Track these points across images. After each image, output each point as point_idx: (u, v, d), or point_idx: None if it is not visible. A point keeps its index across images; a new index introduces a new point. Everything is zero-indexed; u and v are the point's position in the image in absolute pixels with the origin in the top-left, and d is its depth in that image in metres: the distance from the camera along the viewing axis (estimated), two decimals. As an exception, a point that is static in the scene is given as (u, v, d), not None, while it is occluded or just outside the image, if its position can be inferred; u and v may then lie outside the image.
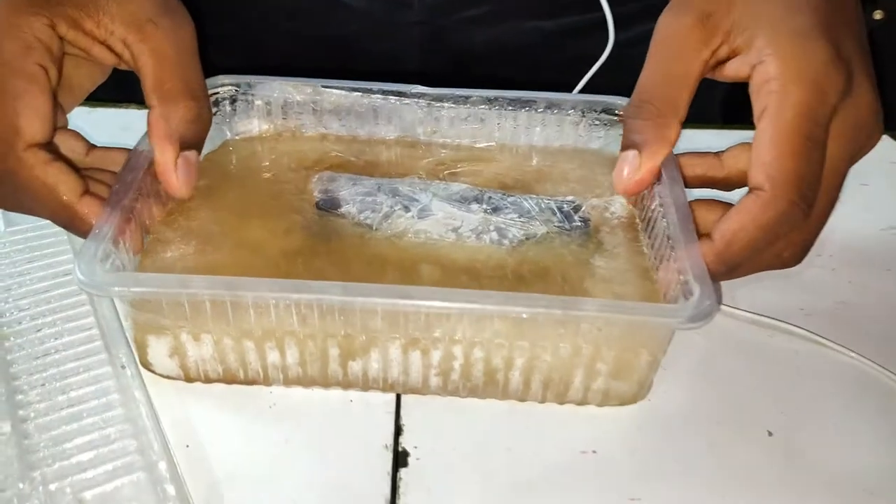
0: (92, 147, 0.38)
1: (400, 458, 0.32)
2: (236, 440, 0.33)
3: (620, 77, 0.68)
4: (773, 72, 0.33)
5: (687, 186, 0.37)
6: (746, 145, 0.37)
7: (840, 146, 0.34)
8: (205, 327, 0.32)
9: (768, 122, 0.33)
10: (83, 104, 0.39)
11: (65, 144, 0.37)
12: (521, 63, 0.69)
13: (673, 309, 0.31)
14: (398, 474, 0.32)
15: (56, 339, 0.35)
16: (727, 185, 0.38)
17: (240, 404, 0.34)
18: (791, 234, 0.33)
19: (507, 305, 0.30)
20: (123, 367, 0.34)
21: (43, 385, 0.33)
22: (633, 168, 0.35)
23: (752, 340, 0.39)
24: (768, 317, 0.39)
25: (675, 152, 0.37)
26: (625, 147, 0.36)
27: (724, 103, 0.65)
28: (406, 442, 0.33)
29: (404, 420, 0.34)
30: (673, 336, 0.34)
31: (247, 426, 0.34)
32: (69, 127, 0.38)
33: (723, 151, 0.38)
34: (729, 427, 0.34)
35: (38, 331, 0.35)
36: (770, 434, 0.34)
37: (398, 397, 0.35)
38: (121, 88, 0.48)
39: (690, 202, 0.35)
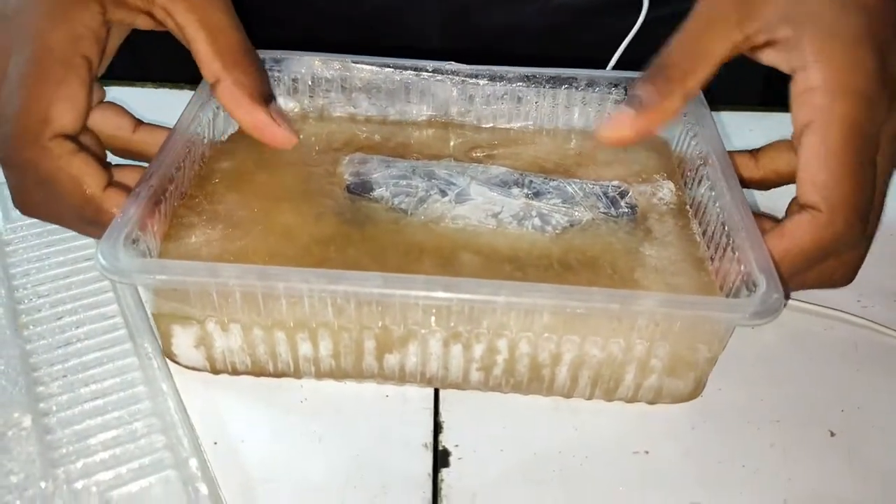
0: (139, 124, 0.36)
1: (440, 458, 0.31)
2: (267, 437, 0.31)
3: (650, 56, 0.66)
4: (819, 81, 0.31)
5: None
6: (782, 144, 0.36)
7: (886, 160, 0.32)
8: (234, 317, 0.31)
9: (817, 138, 0.31)
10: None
11: (110, 121, 0.35)
12: (545, 42, 0.67)
13: (737, 303, 0.29)
14: (439, 475, 0.30)
15: (77, 327, 0.33)
16: (762, 185, 0.37)
17: (270, 399, 0.33)
18: (844, 255, 0.32)
19: (560, 300, 0.28)
20: (150, 357, 0.32)
21: (64, 376, 0.31)
22: (621, 125, 0.34)
23: (808, 332, 0.37)
24: (825, 306, 0.37)
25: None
26: (627, 102, 0.34)
27: (764, 83, 0.63)
28: (446, 440, 0.31)
29: (444, 416, 0.32)
30: (733, 332, 0.32)
31: (278, 422, 0.32)
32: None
33: (757, 150, 0.36)
34: (789, 427, 0.32)
35: (59, 319, 0.34)
36: (832, 434, 0.32)
37: (436, 392, 0.33)
38: (136, 66, 0.46)
39: None
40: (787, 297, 0.29)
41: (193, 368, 0.33)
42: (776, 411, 0.33)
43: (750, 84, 0.64)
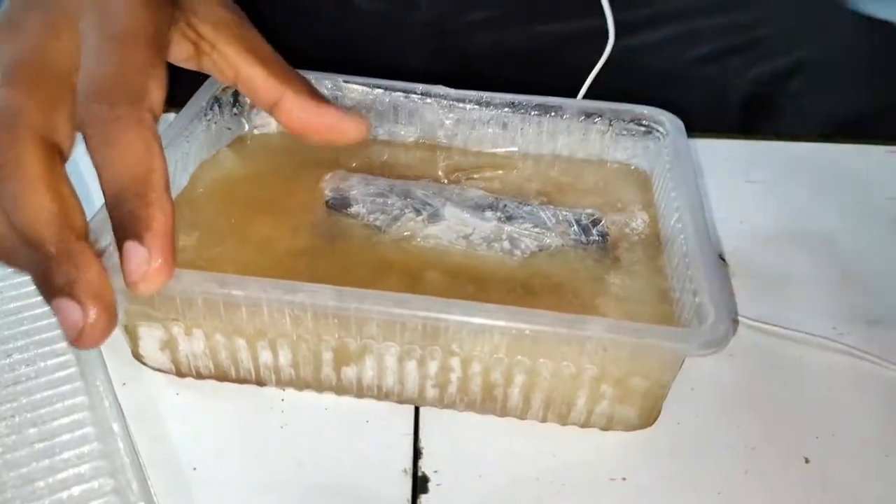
0: None
1: (420, 484, 0.31)
2: (243, 458, 0.32)
3: (621, 81, 0.67)
4: None
5: None
6: None
7: None
8: (196, 322, 0.32)
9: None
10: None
11: None
12: (526, 66, 0.69)
13: (684, 333, 0.29)
14: (418, 501, 0.30)
15: (28, 365, 0.33)
16: None
17: (248, 421, 0.33)
18: None
19: (507, 320, 0.29)
20: (101, 396, 0.32)
21: (13, 416, 0.31)
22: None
23: (784, 357, 0.37)
24: (801, 331, 0.37)
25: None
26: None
27: (741, 110, 0.64)
28: (426, 466, 0.31)
29: (423, 442, 0.32)
30: (684, 361, 0.32)
31: (256, 445, 0.32)
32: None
33: None
34: (764, 453, 0.32)
35: (9, 356, 0.33)
36: (807, 461, 0.32)
37: (416, 417, 0.33)
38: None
39: None
40: (735, 328, 0.29)
41: (160, 370, 0.34)
42: (751, 438, 0.33)
43: (728, 112, 0.64)
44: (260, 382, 0.34)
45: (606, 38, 0.66)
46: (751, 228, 0.45)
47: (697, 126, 0.67)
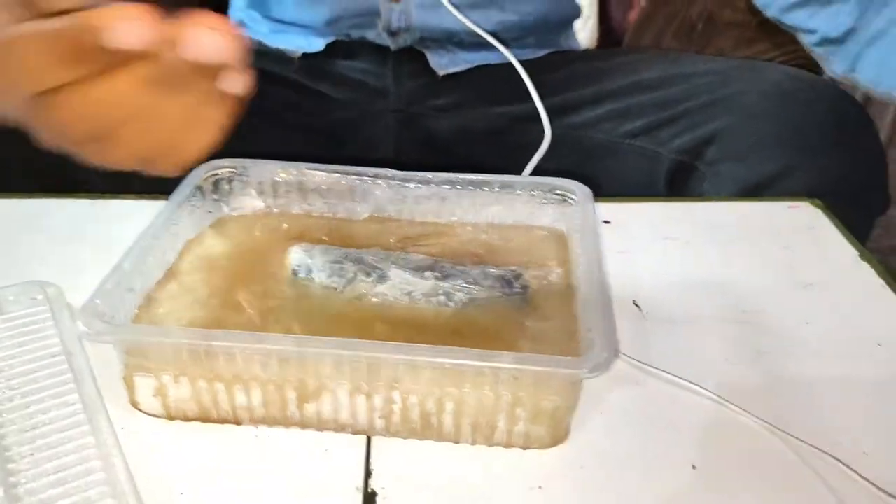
0: None
1: (368, 499, 0.37)
2: (223, 484, 0.38)
3: (566, 152, 0.77)
4: None
5: None
6: None
7: None
8: (183, 371, 0.38)
9: None
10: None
11: None
12: (483, 145, 0.76)
13: (574, 360, 0.36)
14: None
15: (43, 413, 0.39)
16: None
17: (227, 454, 0.39)
18: None
19: (433, 357, 0.35)
20: (104, 436, 0.39)
21: (32, 455, 0.37)
22: None
23: (660, 392, 0.43)
24: (670, 373, 0.44)
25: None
26: None
27: (668, 176, 0.71)
28: (375, 484, 0.38)
29: (374, 465, 0.38)
30: (581, 384, 0.39)
31: (234, 473, 0.38)
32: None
33: None
34: (656, 463, 0.39)
35: (27, 407, 0.40)
36: (694, 467, 0.38)
37: (368, 443, 0.40)
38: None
39: None
40: (616, 355, 0.36)
41: (154, 415, 0.41)
42: (647, 451, 0.39)
43: (657, 178, 0.72)
44: (237, 422, 0.40)
45: (557, 117, 0.75)
46: (666, 279, 0.52)
47: (632, 191, 0.75)
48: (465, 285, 0.43)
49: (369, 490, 0.37)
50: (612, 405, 0.42)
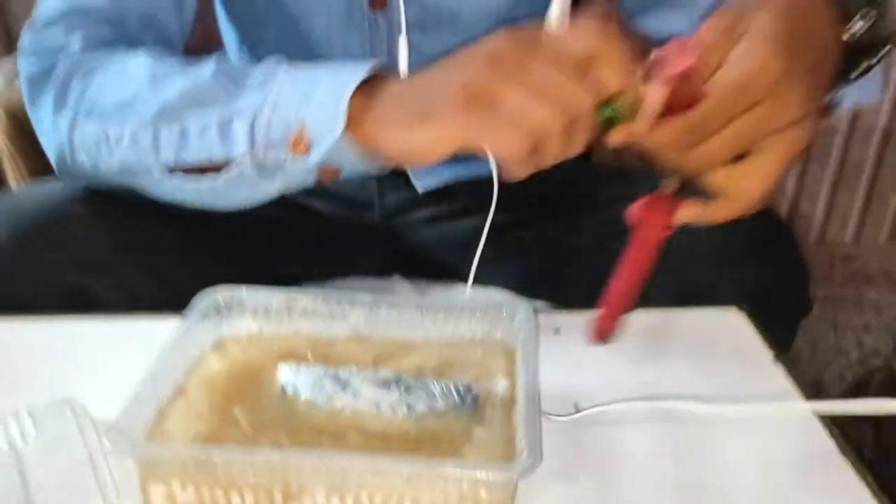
0: None
1: None
2: None
3: (533, 264, 0.85)
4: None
5: None
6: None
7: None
8: (188, 479, 0.47)
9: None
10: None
11: None
12: (460, 252, 0.86)
13: (503, 466, 0.44)
14: None
15: None
16: None
17: None
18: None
19: (390, 466, 0.44)
20: None
21: None
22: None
23: (594, 494, 0.51)
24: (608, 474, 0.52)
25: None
26: None
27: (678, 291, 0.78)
28: None
29: None
30: (516, 483, 0.47)
31: None
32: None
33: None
34: None
35: None
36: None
37: None
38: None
39: None
40: (539, 461, 0.44)
41: None
42: None
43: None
44: None
45: (519, 227, 0.84)
46: (605, 381, 0.61)
47: (585, 304, 0.83)
48: (424, 397, 0.52)
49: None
50: (545, 499, 0.50)
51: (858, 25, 0.56)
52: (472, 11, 0.81)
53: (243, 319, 0.60)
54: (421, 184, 0.92)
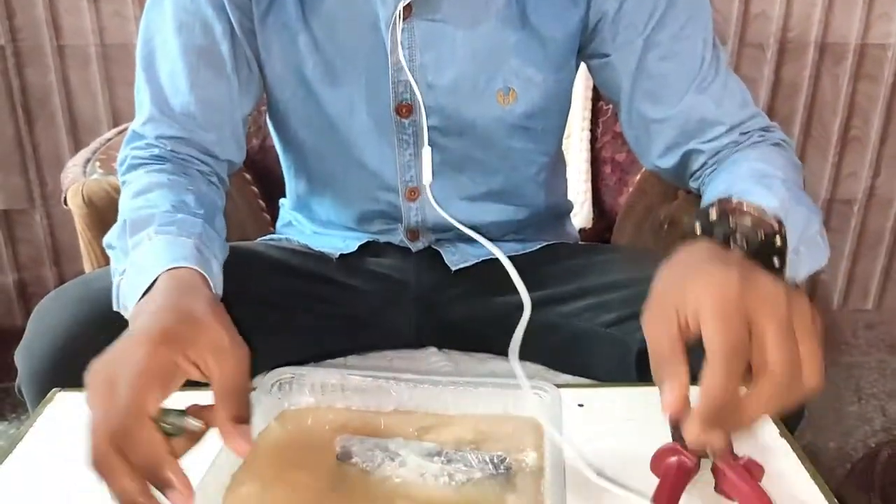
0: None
1: None
2: None
3: (552, 339, 0.92)
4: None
5: None
6: None
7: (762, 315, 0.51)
8: None
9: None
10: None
11: None
12: (489, 328, 0.92)
13: None
14: None
15: None
16: None
17: None
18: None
19: None
20: None
21: None
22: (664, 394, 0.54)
23: None
24: None
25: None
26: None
27: (637, 360, 0.85)
28: None
29: None
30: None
31: None
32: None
33: None
34: None
35: None
36: None
37: None
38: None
39: None
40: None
41: None
42: None
43: (627, 364, 0.85)
44: None
45: (546, 307, 0.91)
46: (627, 452, 0.66)
47: (610, 371, 0.89)
48: (463, 468, 0.59)
49: None
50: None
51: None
52: (487, 122, 0.90)
53: (303, 395, 0.68)
54: (452, 260, 1.00)
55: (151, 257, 0.69)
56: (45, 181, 1.85)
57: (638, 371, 0.84)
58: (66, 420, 0.70)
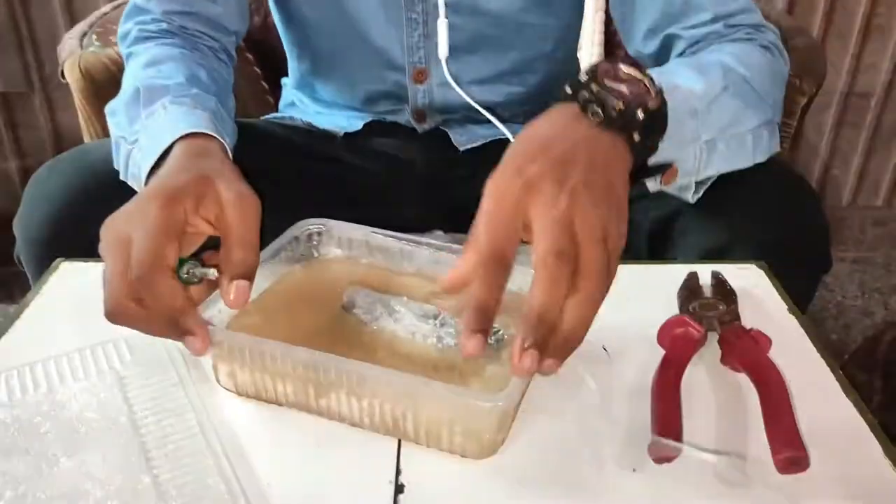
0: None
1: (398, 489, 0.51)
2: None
3: None
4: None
5: None
6: None
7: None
8: (245, 363, 0.57)
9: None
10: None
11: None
12: None
13: (489, 396, 0.50)
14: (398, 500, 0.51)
15: (171, 430, 0.54)
16: None
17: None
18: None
19: (390, 377, 0.52)
20: (213, 443, 0.54)
21: (166, 455, 0.52)
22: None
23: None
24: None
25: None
26: None
27: (648, 240, 0.83)
28: (403, 478, 0.52)
29: (402, 463, 0.53)
30: (514, 411, 0.52)
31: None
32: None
33: None
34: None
35: (160, 422, 0.55)
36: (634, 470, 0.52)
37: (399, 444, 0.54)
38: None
39: None
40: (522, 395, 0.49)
41: (228, 390, 0.59)
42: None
43: (638, 243, 0.83)
44: (278, 403, 0.58)
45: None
46: (632, 327, 0.64)
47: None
48: (454, 333, 0.58)
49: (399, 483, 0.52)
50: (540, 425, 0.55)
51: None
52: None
53: (331, 246, 0.69)
54: (460, 140, 0.98)
55: (168, 125, 0.70)
56: (42, 63, 1.81)
57: (649, 249, 0.83)
58: (69, 289, 0.71)
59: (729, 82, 0.72)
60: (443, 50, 0.89)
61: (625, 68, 0.60)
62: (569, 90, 0.59)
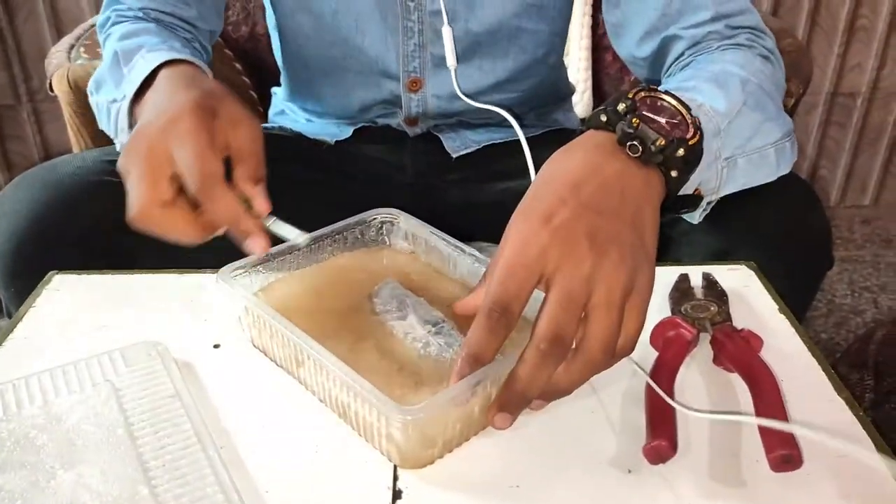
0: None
1: (396, 495, 0.51)
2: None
3: None
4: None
5: None
6: None
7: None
8: (254, 322, 0.62)
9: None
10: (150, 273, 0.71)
11: None
12: (487, 215, 0.92)
13: (403, 410, 0.49)
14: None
15: (167, 437, 0.54)
16: None
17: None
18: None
19: (335, 367, 0.53)
20: (209, 451, 0.53)
21: (163, 465, 0.52)
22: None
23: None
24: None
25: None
26: None
27: (705, 250, 0.79)
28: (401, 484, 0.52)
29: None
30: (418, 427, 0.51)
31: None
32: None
33: None
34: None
35: (156, 433, 0.54)
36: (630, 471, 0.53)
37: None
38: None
39: None
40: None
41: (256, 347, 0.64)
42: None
43: None
44: (276, 364, 0.63)
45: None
46: None
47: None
48: (443, 345, 0.58)
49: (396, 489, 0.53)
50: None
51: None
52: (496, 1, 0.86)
53: (398, 238, 0.72)
54: (453, 146, 0.98)
55: (149, 61, 0.73)
56: (29, 76, 1.81)
57: None
58: (63, 302, 0.70)
59: (748, 95, 0.70)
60: (450, 59, 0.89)
61: (663, 97, 0.58)
62: (604, 118, 0.57)
